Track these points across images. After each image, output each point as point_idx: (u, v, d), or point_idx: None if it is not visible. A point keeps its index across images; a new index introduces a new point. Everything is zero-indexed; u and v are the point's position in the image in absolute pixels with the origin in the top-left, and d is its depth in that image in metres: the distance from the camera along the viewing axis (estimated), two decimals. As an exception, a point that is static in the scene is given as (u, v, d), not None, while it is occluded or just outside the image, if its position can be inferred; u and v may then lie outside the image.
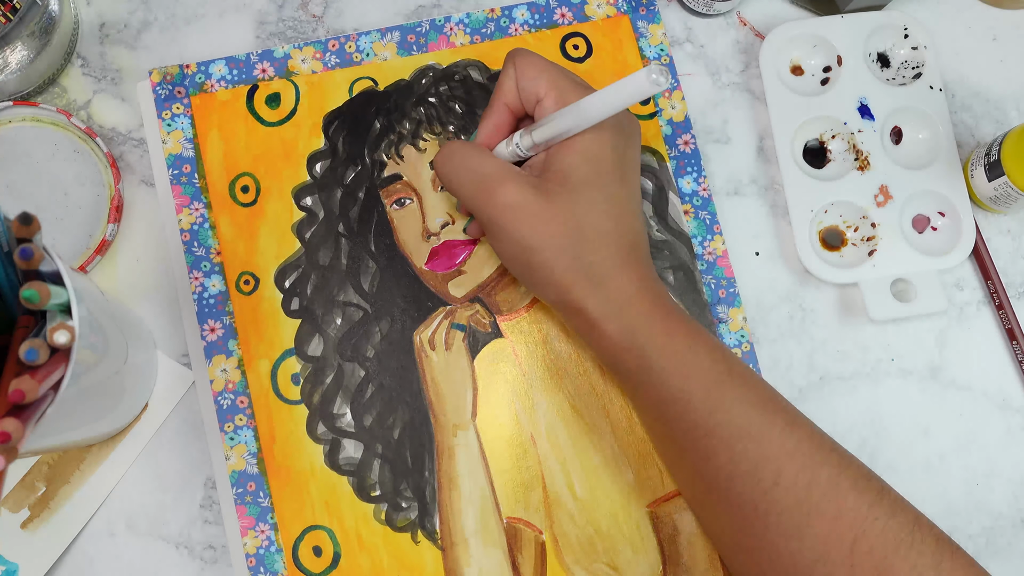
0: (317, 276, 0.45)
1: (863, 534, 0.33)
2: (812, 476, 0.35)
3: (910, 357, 0.47)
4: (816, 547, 0.34)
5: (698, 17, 0.50)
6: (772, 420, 0.36)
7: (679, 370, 0.36)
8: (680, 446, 0.38)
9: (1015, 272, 0.48)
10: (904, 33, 0.49)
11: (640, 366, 0.37)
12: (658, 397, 0.37)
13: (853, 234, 0.47)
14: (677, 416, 0.37)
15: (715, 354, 0.37)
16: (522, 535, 0.43)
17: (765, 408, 0.36)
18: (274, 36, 0.49)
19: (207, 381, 0.44)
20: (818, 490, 0.34)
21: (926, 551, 0.33)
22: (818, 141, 0.49)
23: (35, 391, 0.28)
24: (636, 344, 0.37)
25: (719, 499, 0.37)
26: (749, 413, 0.36)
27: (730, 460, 0.35)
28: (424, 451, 0.43)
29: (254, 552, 0.42)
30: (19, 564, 0.42)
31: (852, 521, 0.34)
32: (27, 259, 0.29)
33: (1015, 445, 0.46)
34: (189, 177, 0.45)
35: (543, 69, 0.38)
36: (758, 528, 0.35)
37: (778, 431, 0.36)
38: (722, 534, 0.38)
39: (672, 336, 0.37)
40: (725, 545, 0.38)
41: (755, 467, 0.35)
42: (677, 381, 0.36)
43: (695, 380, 0.36)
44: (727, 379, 0.36)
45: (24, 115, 0.46)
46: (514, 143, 0.39)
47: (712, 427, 0.36)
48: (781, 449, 0.35)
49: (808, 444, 0.36)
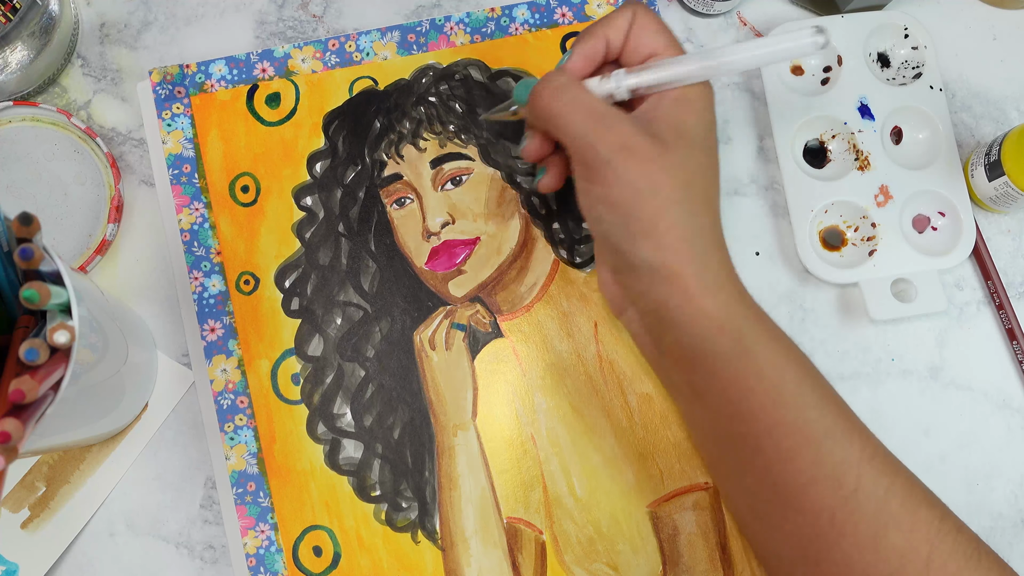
0: (317, 276, 0.45)
1: (937, 548, 0.32)
2: (890, 484, 0.33)
3: (910, 357, 0.47)
4: (892, 560, 0.32)
5: (698, 17, 0.50)
6: (853, 423, 0.34)
7: (775, 359, 0.34)
8: (756, 447, 0.34)
9: (1015, 272, 0.48)
10: (904, 33, 0.49)
11: (734, 350, 0.34)
12: (746, 387, 0.34)
13: (853, 234, 0.47)
14: (762, 410, 0.34)
15: (797, 348, 0.35)
16: (522, 535, 0.43)
17: (845, 410, 0.35)
18: (274, 36, 0.49)
19: (207, 381, 0.44)
20: (896, 500, 0.33)
21: (993, 569, 0.33)
22: (818, 141, 0.49)
23: (35, 391, 0.28)
24: (734, 324, 0.34)
25: (791, 507, 0.34)
26: (835, 412, 0.34)
27: (814, 462, 0.33)
28: (424, 451, 0.43)
29: (254, 552, 0.42)
30: (19, 564, 0.42)
31: (926, 535, 0.32)
32: (27, 259, 0.29)
33: (1015, 445, 0.46)
34: (189, 177, 0.45)
35: (665, 29, 0.37)
36: (831, 539, 0.33)
37: (858, 434, 0.34)
38: (786, 549, 0.35)
39: (765, 322, 0.35)
40: (787, 561, 0.35)
41: (838, 471, 0.33)
42: (772, 371, 0.34)
43: (790, 371, 0.34)
44: (814, 374, 0.35)
45: (24, 115, 0.46)
46: (613, 80, 0.37)
47: (800, 424, 0.33)
48: (862, 453, 0.33)
49: (884, 450, 0.34)
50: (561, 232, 0.46)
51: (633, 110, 0.37)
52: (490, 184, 0.46)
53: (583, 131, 0.35)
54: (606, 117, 0.35)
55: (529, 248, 0.46)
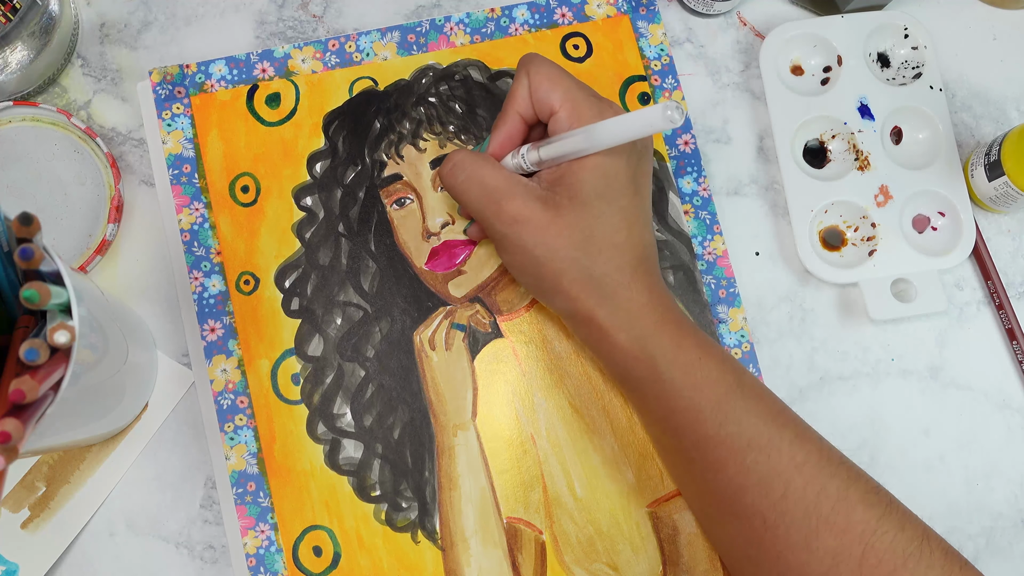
0: (317, 276, 0.45)
1: (872, 547, 0.33)
2: (821, 488, 0.35)
3: (910, 357, 0.47)
4: (825, 560, 0.34)
5: (698, 17, 0.50)
6: (781, 433, 0.36)
7: (689, 381, 0.36)
8: (689, 458, 0.37)
9: (1015, 272, 0.48)
10: (904, 33, 0.49)
11: (650, 376, 0.37)
12: (668, 408, 0.37)
13: (853, 234, 0.47)
14: (686, 427, 0.37)
15: (724, 366, 0.37)
16: (522, 535, 0.43)
17: (775, 420, 0.36)
18: (274, 36, 0.49)
19: (207, 381, 0.44)
20: (827, 502, 0.34)
21: (935, 564, 0.33)
22: (818, 141, 0.49)
23: (35, 391, 0.28)
24: (646, 354, 0.37)
25: (728, 511, 0.37)
26: (758, 425, 0.36)
27: (739, 472, 0.35)
28: (424, 451, 0.43)
29: (254, 552, 0.42)
30: (19, 564, 0.42)
31: (861, 534, 0.34)
32: (27, 259, 0.29)
33: (1015, 445, 0.46)
34: (189, 177, 0.45)
35: (557, 81, 0.38)
36: (767, 541, 0.35)
37: (787, 443, 0.36)
38: (731, 547, 0.38)
39: (682, 347, 0.37)
40: (734, 558, 0.38)
41: (764, 479, 0.35)
42: (687, 392, 0.36)
43: (705, 391, 0.36)
44: (736, 391, 0.36)
45: (24, 115, 0.46)
46: (520, 156, 0.39)
47: (722, 438, 0.36)
48: (791, 461, 0.35)
49: (817, 457, 0.36)
50: (561, 232, 0.46)
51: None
52: (490, 184, 0.46)
53: (479, 208, 0.38)
54: (498, 192, 0.38)
55: (529, 248, 0.46)
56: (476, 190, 0.38)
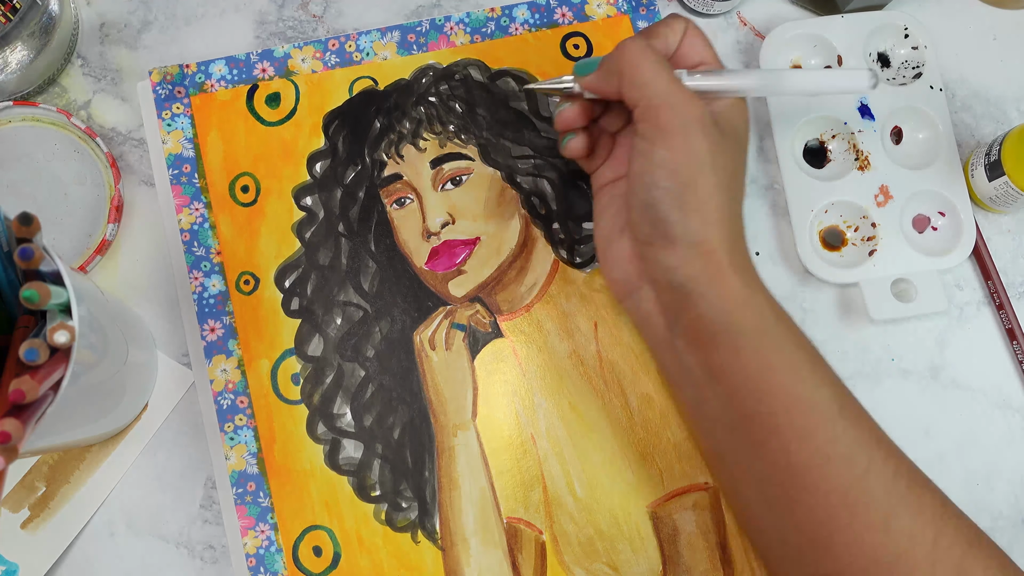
0: (317, 276, 0.45)
1: (942, 532, 0.33)
2: (897, 466, 0.34)
3: (910, 357, 0.47)
4: (901, 542, 0.32)
5: (698, 17, 0.50)
6: (859, 404, 0.35)
7: (793, 337, 0.35)
8: (770, 427, 0.34)
9: (1015, 272, 0.48)
10: (904, 33, 0.49)
11: (755, 327, 0.35)
12: (766, 363, 0.35)
13: (853, 234, 0.47)
14: (781, 387, 0.34)
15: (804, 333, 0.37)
16: (522, 535, 0.43)
17: (849, 391, 0.36)
18: (274, 36, 0.49)
19: (207, 381, 0.44)
20: (903, 481, 0.33)
21: (994, 553, 0.33)
22: (818, 141, 0.49)
23: (35, 391, 0.28)
24: (756, 301, 0.36)
25: (803, 488, 0.34)
26: (844, 394, 0.35)
27: (828, 441, 0.33)
28: (424, 451, 0.43)
29: (254, 552, 0.42)
30: (19, 564, 0.42)
31: (932, 516, 0.33)
32: (27, 259, 0.30)
33: (1015, 445, 0.46)
34: (189, 177, 0.45)
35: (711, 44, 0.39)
36: (843, 520, 0.33)
37: (866, 416, 0.35)
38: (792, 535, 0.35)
39: (778, 306, 0.37)
40: (792, 548, 0.35)
41: (851, 450, 0.33)
42: (791, 347, 0.35)
43: (805, 350, 0.35)
44: (822, 357, 0.36)
45: (24, 115, 0.46)
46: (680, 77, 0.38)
47: (817, 401, 0.34)
48: (872, 433, 0.34)
49: (888, 436, 0.35)
50: (561, 232, 0.46)
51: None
52: (490, 184, 0.46)
53: (666, 91, 0.35)
54: (685, 89, 0.36)
55: (529, 248, 0.46)
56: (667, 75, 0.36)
